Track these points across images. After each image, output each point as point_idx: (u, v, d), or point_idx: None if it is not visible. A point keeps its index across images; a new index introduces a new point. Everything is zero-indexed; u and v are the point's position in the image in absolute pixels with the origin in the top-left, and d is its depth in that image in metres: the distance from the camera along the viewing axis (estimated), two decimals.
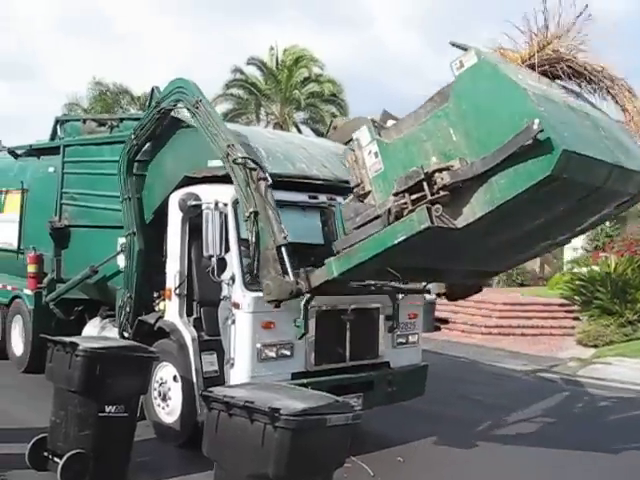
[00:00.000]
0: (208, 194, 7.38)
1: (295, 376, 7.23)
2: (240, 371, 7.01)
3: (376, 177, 6.03)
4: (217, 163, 7.45)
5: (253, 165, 6.97)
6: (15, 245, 11.87)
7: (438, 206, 5.39)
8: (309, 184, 7.96)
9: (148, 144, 8.66)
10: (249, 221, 6.80)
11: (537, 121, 4.99)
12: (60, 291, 10.30)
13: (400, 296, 8.18)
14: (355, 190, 6.22)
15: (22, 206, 11.82)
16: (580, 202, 6.02)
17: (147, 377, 6.91)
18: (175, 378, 7.72)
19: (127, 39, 69.59)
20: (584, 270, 20.53)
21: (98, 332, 9.43)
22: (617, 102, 6.81)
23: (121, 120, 9.60)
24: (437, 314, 19.37)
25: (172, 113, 8.22)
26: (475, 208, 5.45)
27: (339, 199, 8.03)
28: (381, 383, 8.03)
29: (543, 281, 26.19)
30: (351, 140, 6.52)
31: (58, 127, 11.52)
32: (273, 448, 4.67)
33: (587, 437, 8.94)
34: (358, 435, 5.45)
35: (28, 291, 11.03)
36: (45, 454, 6.45)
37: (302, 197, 7.83)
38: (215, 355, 7.43)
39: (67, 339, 6.53)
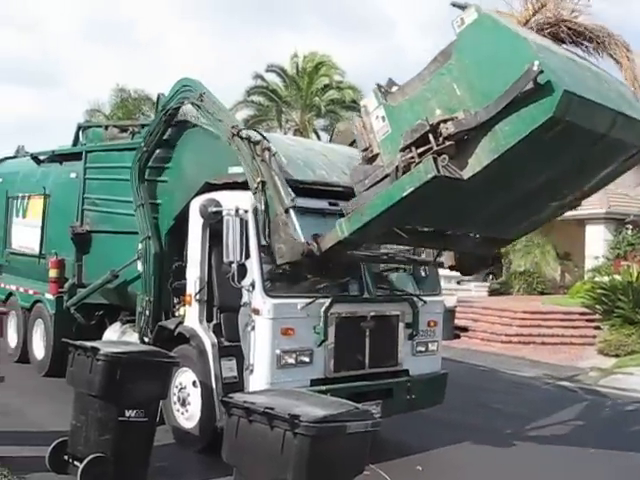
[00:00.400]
0: (229, 200, 7.40)
1: (314, 383, 7.23)
2: (259, 377, 7.01)
3: (384, 140, 6.08)
4: (238, 170, 7.49)
5: (257, 138, 7.18)
6: (37, 250, 11.98)
7: (444, 156, 5.42)
8: (329, 191, 7.96)
9: (160, 150, 8.79)
10: (257, 192, 6.95)
11: (537, 62, 5.04)
12: (81, 296, 10.37)
13: (420, 304, 8.16)
14: (364, 154, 6.29)
15: (44, 211, 11.93)
16: (586, 153, 6.00)
17: (167, 382, 6.94)
18: (194, 383, 7.74)
19: (149, 46, 70.08)
20: (605, 279, 20.31)
21: (118, 337, 9.49)
22: (614, 59, 6.91)
23: (142, 126, 9.66)
24: (457, 322, 19.33)
25: (178, 116, 8.30)
26: (481, 157, 5.48)
27: None
28: (400, 391, 8.01)
29: (564, 289, 25.96)
30: (354, 142, 6.60)
31: (80, 133, 11.65)
32: (292, 455, 4.66)
33: (608, 447, 8.83)
34: (377, 443, 5.42)
35: (49, 296, 11.11)
36: (65, 457, 6.49)
37: (322, 204, 7.81)
38: (234, 361, 7.45)
39: (88, 344, 6.57)
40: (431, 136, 5.50)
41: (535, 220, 7.55)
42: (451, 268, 8.24)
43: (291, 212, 6.83)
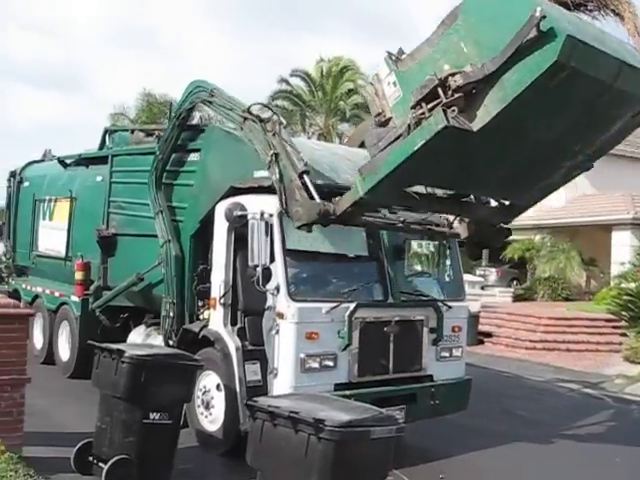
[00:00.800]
0: (254, 204, 7.42)
1: (338, 387, 7.22)
2: (283, 381, 7.02)
3: (396, 104, 6.20)
4: (263, 173, 7.51)
5: (266, 115, 7.48)
6: (63, 252, 12.10)
7: (454, 108, 5.54)
8: None
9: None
10: (272, 164, 7.12)
11: (539, 9, 5.10)
12: (106, 298, 10.45)
13: (444, 309, 8.13)
14: (377, 119, 6.38)
15: (70, 214, 12.05)
16: (593, 105, 6.03)
17: (191, 385, 6.96)
18: (218, 387, 7.75)
19: (173, 50, 70.57)
20: (632, 285, 20.07)
21: (143, 339, 9.54)
22: (617, 13, 7.03)
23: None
24: (480, 328, 19.19)
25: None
26: (489, 108, 5.59)
27: (384, 210, 8.03)
28: (424, 396, 7.97)
29: (589, 296, 25.70)
30: (363, 144, 6.76)
31: (107, 137, 11.74)
32: (317, 459, 4.65)
33: (634, 456, 8.74)
34: (400, 448, 5.41)
35: (75, 298, 11.21)
36: (90, 459, 6.54)
37: None
38: (258, 365, 7.45)
39: (114, 346, 6.62)
40: (440, 90, 5.62)
41: (548, 184, 7.55)
42: (466, 242, 8.41)
43: (305, 176, 6.97)
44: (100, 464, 6.36)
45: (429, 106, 5.69)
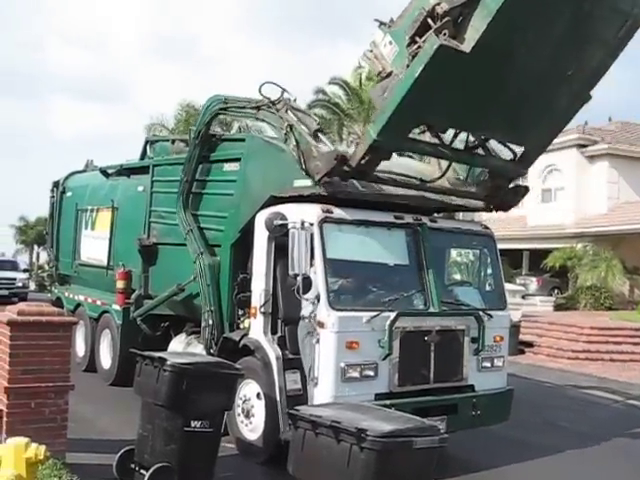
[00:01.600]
0: (294, 213, 7.42)
1: (378, 397, 7.18)
2: (324, 390, 7.00)
3: (394, 59, 6.74)
4: (303, 183, 7.52)
5: (275, 98, 7.99)
6: (105, 261, 12.25)
7: (445, 31, 6.17)
8: (394, 204, 7.93)
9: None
10: (288, 136, 7.70)
11: None
12: (147, 307, 10.54)
13: (486, 318, 8.05)
14: (379, 76, 6.93)
15: (112, 224, 12.19)
16: (576, 17, 6.62)
17: (232, 394, 6.97)
18: (259, 395, 7.76)
19: (212, 60, 71.32)
20: None
21: (183, 348, 9.59)
22: None
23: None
24: (521, 337, 18.99)
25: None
26: (476, 25, 6.13)
27: (424, 219, 8.00)
28: (465, 406, 7.90)
29: (633, 305, 25.27)
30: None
31: (148, 147, 11.86)
32: (358, 469, 4.63)
33: None
34: (442, 459, 5.35)
35: (116, 306, 11.33)
36: (132, 466, 6.57)
37: (387, 217, 7.80)
38: (299, 373, 7.44)
39: (156, 354, 6.65)
40: (430, 20, 6.28)
41: (552, 122, 7.98)
42: (486, 201, 8.83)
43: (319, 135, 7.55)
44: (142, 471, 6.39)
45: (422, 39, 6.33)
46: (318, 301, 7.10)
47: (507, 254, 24.09)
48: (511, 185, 8.83)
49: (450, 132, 7.99)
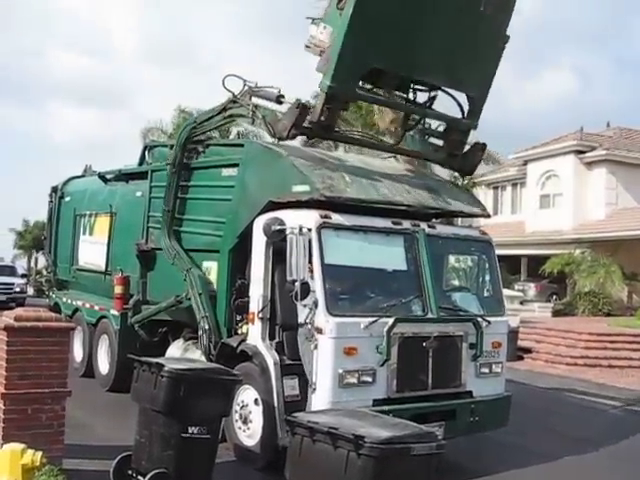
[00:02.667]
0: (292, 219, 7.42)
1: (376, 403, 7.17)
2: (322, 396, 6.99)
3: (331, 36, 7.54)
4: (302, 188, 7.52)
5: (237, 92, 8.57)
6: (103, 267, 12.23)
7: None
8: (393, 210, 7.93)
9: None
10: (255, 117, 8.37)
11: None
12: (145, 314, 10.52)
13: (484, 324, 8.04)
14: (322, 54, 7.66)
15: (110, 229, 12.18)
16: None
17: (229, 400, 6.94)
18: (256, 401, 7.74)
19: (211, 66, 71.46)
20: None
21: (181, 353, 9.58)
22: None
23: (207, 146, 9.79)
24: (520, 343, 18.96)
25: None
26: None
27: (423, 225, 7.99)
28: (463, 412, 7.89)
29: (631, 311, 25.26)
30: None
31: (146, 152, 11.86)
32: (356, 475, 4.61)
33: None
34: (441, 465, 5.32)
35: (114, 312, 11.31)
36: (129, 472, 6.54)
37: (385, 223, 7.79)
38: (297, 379, 7.43)
39: (153, 360, 6.62)
40: None
41: (482, 61, 8.55)
42: (449, 163, 9.41)
43: (282, 99, 8.08)
44: (139, 477, 6.36)
45: None
46: (316, 307, 7.09)
47: (505, 260, 24.07)
48: (469, 147, 9.35)
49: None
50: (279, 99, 8.12)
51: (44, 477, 6.17)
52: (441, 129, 9.39)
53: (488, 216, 9.38)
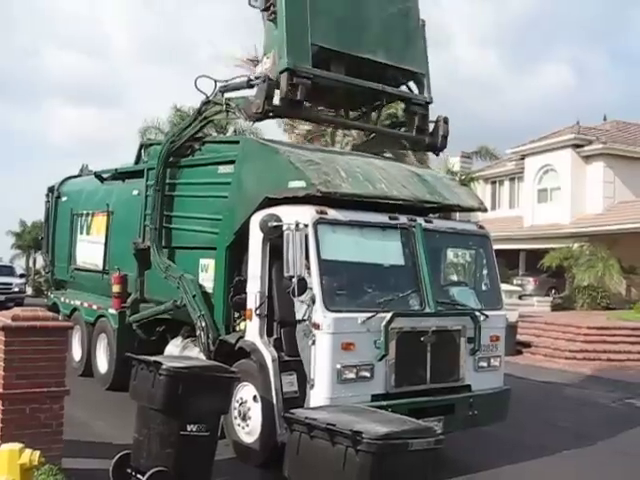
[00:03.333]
0: (289, 215, 7.41)
1: (375, 398, 7.17)
2: (320, 392, 6.98)
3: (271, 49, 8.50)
4: (298, 184, 7.51)
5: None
6: (100, 266, 12.22)
7: None
8: (389, 204, 7.92)
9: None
10: (229, 108, 8.96)
11: None
12: (144, 315, 10.52)
13: (482, 318, 8.03)
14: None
15: (107, 228, 12.17)
16: None
17: (228, 397, 6.94)
18: (255, 398, 7.73)
19: (208, 64, 71.39)
20: None
21: (179, 351, 9.57)
22: None
23: (203, 143, 9.77)
24: (519, 337, 19.00)
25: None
26: None
27: (419, 219, 7.98)
28: (462, 407, 7.88)
29: (630, 304, 25.26)
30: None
31: (142, 151, 11.82)
32: (354, 471, 4.61)
33: None
34: (440, 460, 5.32)
35: (112, 310, 11.30)
36: (128, 470, 6.54)
37: (382, 218, 7.78)
38: (295, 376, 7.42)
39: (151, 358, 6.62)
40: None
41: (409, 37, 9.39)
42: (420, 142, 9.85)
43: (251, 83, 8.62)
44: (138, 476, 6.36)
45: None
46: (313, 303, 7.08)
47: (504, 254, 24.06)
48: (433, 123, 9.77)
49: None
50: (249, 83, 8.68)
51: (43, 476, 6.17)
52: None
53: (485, 210, 9.37)
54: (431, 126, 9.70)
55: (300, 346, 7.40)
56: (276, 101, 8.35)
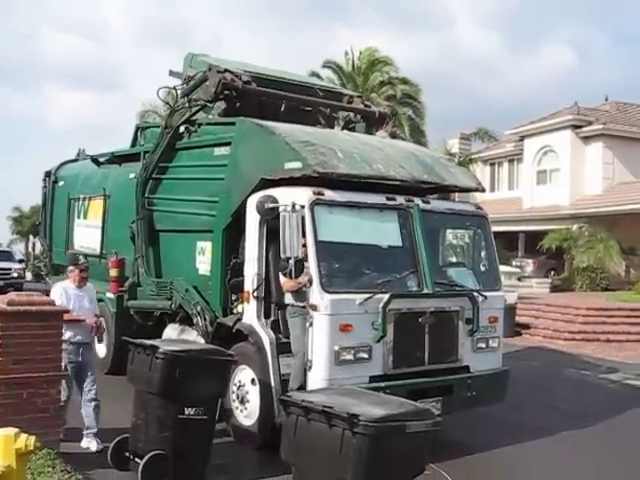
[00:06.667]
0: (285, 196, 7.35)
1: (373, 379, 7.15)
2: (318, 374, 6.96)
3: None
4: (294, 165, 7.45)
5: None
6: (98, 250, 12.17)
7: None
8: (386, 185, 7.87)
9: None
10: (191, 105, 9.74)
11: None
12: (141, 306, 10.51)
13: (480, 299, 8.00)
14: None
15: (104, 212, 12.11)
16: None
17: (226, 380, 6.94)
18: (253, 381, 7.72)
19: (207, 46, 71.21)
20: None
21: (177, 335, 9.54)
22: None
23: (199, 125, 9.70)
24: (518, 319, 18.98)
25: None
26: None
27: (417, 200, 7.93)
28: (460, 388, 7.87)
29: (629, 285, 25.26)
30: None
31: (138, 134, 11.75)
32: (351, 454, 4.57)
33: None
34: (439, 441, 5.31)
35: (110, 294, 11.26)
36: (127, 454, 6.54)
37: (379, 198, 7.73)
38: (293, 357, 7.40)
39: (148, 342, 6.60)
40: None
41: None
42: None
43: (207, 75, 9.37)
44: (136, 459, 6.35)
45: None
46: (311, 284, 7.04)
47: (503, 236, 24.04)
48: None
49: None
50: (205, 75, 9.39)
51: (41, 461, 6.15)
52: None
53: (483, 190, 9.32)
54: None
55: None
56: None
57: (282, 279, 7.45)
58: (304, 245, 7.10)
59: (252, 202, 7.82)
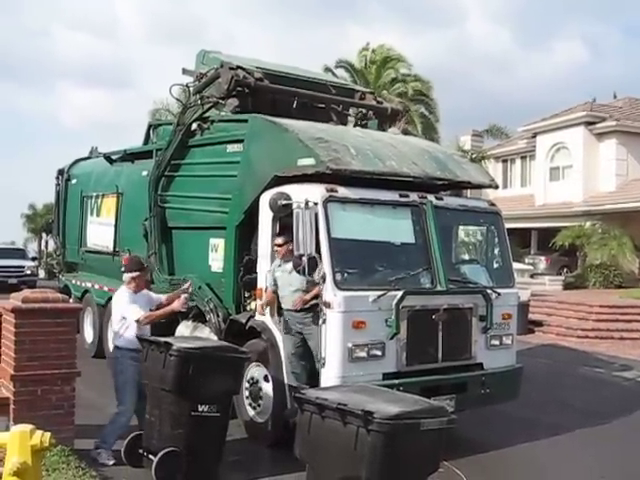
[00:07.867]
0: (298, 193, 7.33)
1: (386, 376, 7.13)
2: (331, 371, 6.95)
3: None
4: (307, 162, 7.44)
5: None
6: (111, 247, 12.20)
7: None
8: (399, 182, 7.84)
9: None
10: (204, 102, 9.71)
11: None
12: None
13: (494, 296, 7.96)
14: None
15: (117, 209, 12.15)
16: None
17: (239, 377, 6.94)
18: (266, 378, 7.72)
19: (219, 44, 71.38)
20: None
21: (190, 332, 9.53)
22: None
23: (212, 122, 9.70)
24: (531, 316, 18.90)
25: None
26: None
27: (430, 197, 7.90)
28: (474, 385, 7.84)
29: None
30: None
31: (151, 132, 11.77)
32: (366, 451, 4.55)
33: None
34: (452, 439, 5.29)
35: None
36: (140, 451, 6.56)
37: (392, 195, 7.71)
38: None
39: (161, 339, 6.62)
40: None
41: None
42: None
43: (219, 73, 9.42)
44: (150, 456, 6.39)
45: None
46: (324, 281, 7.03)
47: (515, 233, 23.94)
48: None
49: None
50: (217, 72, 9.41)
51: (55, 458, 6.18)
52: None
53: (496, 187, 9.28)
54: None
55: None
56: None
57: (296, 297, 7.43)
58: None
59: (265, 199, 7.80)
